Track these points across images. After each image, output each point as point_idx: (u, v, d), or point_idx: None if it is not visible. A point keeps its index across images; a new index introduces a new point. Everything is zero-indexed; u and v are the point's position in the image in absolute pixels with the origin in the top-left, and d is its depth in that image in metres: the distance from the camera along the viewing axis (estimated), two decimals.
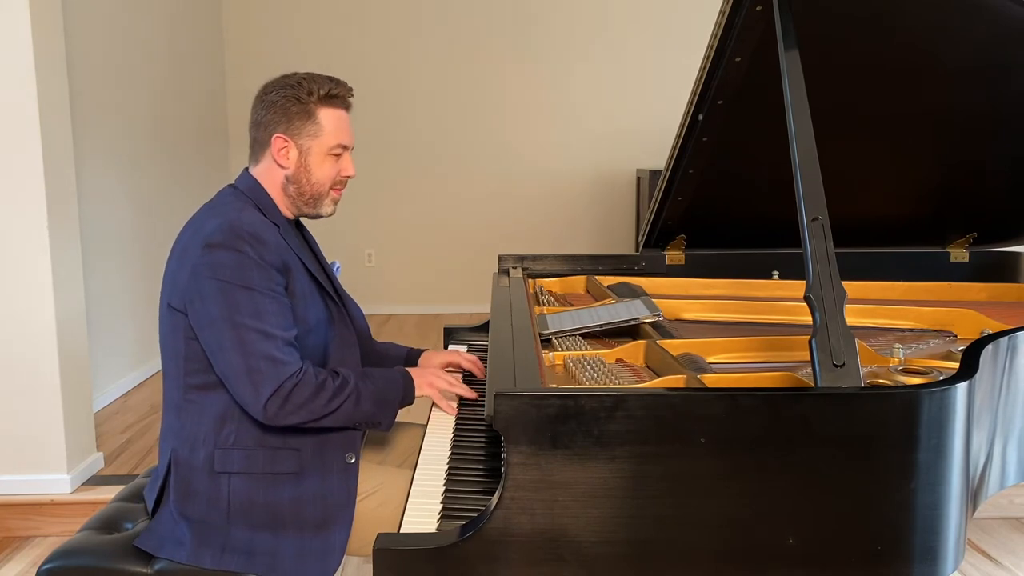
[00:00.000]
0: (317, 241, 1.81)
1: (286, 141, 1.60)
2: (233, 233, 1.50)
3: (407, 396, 1.65)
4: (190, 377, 1.55)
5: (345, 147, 1.64)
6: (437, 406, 1.72)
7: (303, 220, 1.75)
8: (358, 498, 1.57)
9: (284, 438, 1.54)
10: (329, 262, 1.81)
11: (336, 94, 1.62)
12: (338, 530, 1.53)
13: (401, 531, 1.28)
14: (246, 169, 1.68)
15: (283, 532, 1.51)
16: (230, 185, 1.68)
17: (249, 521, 1.51)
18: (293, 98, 1.59)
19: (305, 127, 1.60)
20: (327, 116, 1.61)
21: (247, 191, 1.63)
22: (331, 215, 1.69)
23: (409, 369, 1.70)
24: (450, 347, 2.28)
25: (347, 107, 1.65)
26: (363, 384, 1.57)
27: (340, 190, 1.68)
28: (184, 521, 1.52)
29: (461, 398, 1.72)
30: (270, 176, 1.63)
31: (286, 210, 1.66)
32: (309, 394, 1.49)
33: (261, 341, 1.47)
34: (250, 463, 1.53)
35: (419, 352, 1.97)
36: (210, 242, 1.50)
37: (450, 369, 1.92)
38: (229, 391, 1.51)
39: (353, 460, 1.57)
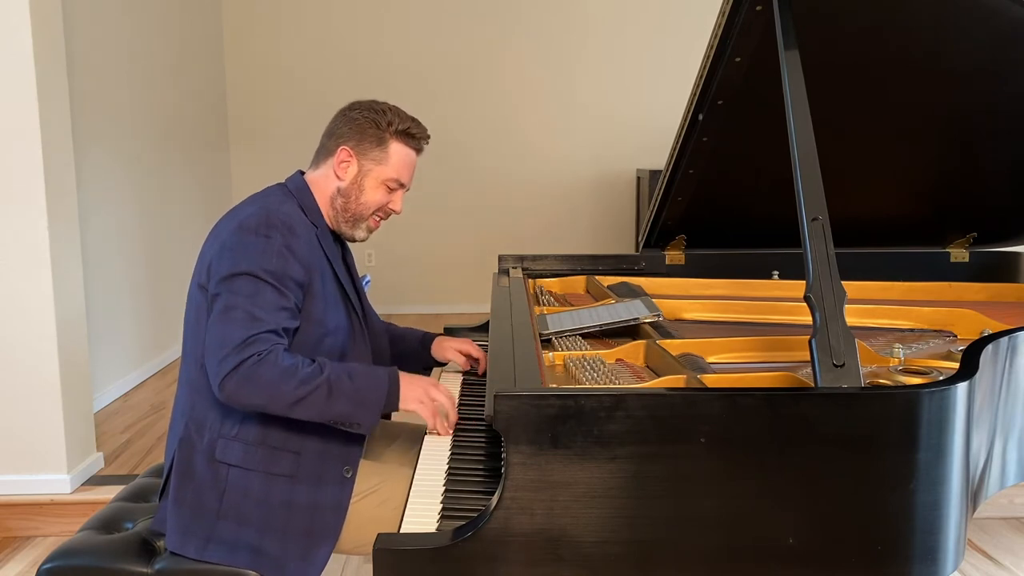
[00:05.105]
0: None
1: (350, 155, 1.66)
2: (266, 220, 1.54)
3: (391, 400, 1.52)
4: None
5: (402, 184, 1.70)
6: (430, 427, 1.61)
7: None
8: (358, 497, 1.57)
9: (286, 438, 1.54)
10: (360, 275, 1.81)
11: (413, 134, 1.68)
12: (323, 543, 1.53)
13: (401, 531, 1.28)
14: (299, 172, 1.72)
15: (269, 533, 1.51)
16: (279, 183, 1.71)
17: (238, 514, 1.52)
18: (372, 121, 1.65)
19: (372, 151, 1.66)
20: (397, 150, 1.67)
21: (295, 191, 1.67)
22: (363, 240, 1.72)
23: (402, 374, 1.56)
24: None
25: (419, 150, 1.72)
26: (339, 379, 1.47)
27: (379, 221, 1.72)
28: (176, 506, 1.53)
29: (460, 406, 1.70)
30: (323, 183, 1.68)
31: (327, 219, 1.69)
32: (272, 376, 1.42)
33: (244, 321, 1.45)
34: (248, 458, 1.53)
35: (433, 337, 1.98)
36: (243, 224, 1.54)
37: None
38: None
39: (350, 475, 1.57)
